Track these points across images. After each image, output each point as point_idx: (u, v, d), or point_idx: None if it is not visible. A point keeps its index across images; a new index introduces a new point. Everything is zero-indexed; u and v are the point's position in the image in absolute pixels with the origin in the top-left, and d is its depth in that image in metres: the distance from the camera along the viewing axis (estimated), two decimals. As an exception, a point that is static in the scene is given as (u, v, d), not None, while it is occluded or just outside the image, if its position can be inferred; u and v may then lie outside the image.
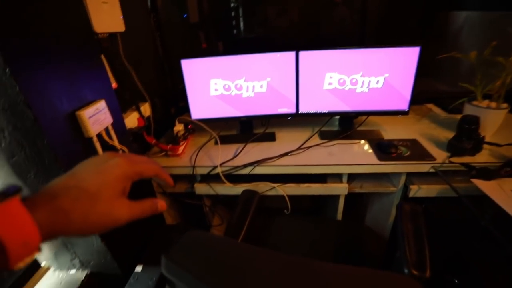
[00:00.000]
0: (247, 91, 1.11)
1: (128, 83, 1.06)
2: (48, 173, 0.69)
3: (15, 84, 0.59)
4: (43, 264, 0.89)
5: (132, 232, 0.95)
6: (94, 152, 0.77)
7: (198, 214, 1.23)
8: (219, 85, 1.10)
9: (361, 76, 1.07)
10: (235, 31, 1.48)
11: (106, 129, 0.80)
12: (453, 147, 1.00)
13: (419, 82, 1.37)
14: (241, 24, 1.47)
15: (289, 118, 1.17)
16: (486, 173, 0.89)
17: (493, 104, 1.04)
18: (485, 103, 1.06)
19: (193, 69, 1.07)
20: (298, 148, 1.07)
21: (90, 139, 0.74)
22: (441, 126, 1.20)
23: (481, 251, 0.81)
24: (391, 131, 1.18)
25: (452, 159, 0.97)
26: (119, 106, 0.91)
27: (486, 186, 0.85)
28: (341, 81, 1.08)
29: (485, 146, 0.99)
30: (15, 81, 0.59)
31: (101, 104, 0.78)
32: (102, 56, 0.92)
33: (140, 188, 1.00)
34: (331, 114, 1.16)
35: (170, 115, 1.40)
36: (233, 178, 1.05)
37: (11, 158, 0.67)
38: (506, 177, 0.88)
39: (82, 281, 0.86)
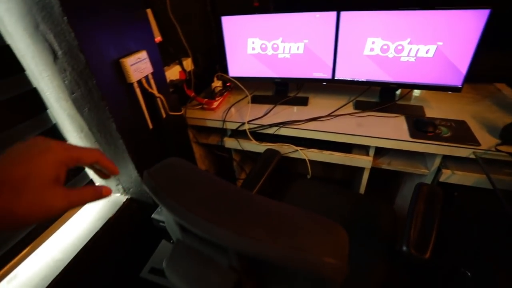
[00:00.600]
0: (284, 52, 1.10)
1: (173, 37, 1.14)
2: (97, 109, 0.83)
3: (71, 31, 0.70)
4: (97, 184, 1.11)
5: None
6: (134, 96, 0.89)
7: (228, 167, 1.34)
8: (256, 44, 1.11)
9: (408, 43, 0.96)
10: None
11: (147, 78, 0.91)
12: (507, 134, 0.87)
13: (493, 56, 1.17)
14: None
15: (324, 83, 1.14)
16: (536, 166, 0.77)
17: None
18: None
19: (233, 27, 1.10)
20: (328, 115, 1.06)
21: (131, 84, 0.86)
22: (505, 110, 1.04)
23: (502, 249, 0.75)
24: (437, 109, 1.06)
25: (501, 147, 0.86)
26: (161, 58, 1.00)
27: None
28: (385, 47, 0.99)
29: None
30: (71, 28, 0.70)
31: (143, 54, 0.87)
32: (149, 11, 1.00)
33: (177, 139, 1.13)
34: (369, 83, 1.09)
35: (212, 72, 1.47)
36: (260, 136, 1.10)
37: (71, 94, 0.82)
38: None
39: (124, 203, 1.05)
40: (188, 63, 1.21)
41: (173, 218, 0.48)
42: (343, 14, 0.97)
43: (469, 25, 0.88)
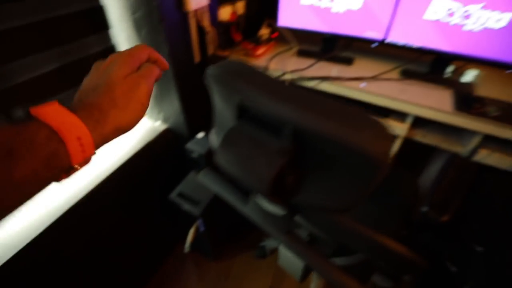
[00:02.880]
0: (339, 4, 1.07)
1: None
2: (155, 31, 0.88)
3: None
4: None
5: (203, 107, 1.17)
6: (188, 25, 0.93)
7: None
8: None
9: (481, 8, 0.89)
10: None
11: (202, 11, 0.94)
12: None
13: None
14: None
15: (374, 44, 1.10)
16: None
17: None
18: None
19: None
20: (371, 77, 1.04)
21: (187, 13, 0.89)
22: None
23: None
24: (491, 90, 1.01)
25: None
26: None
27: None
28: (450, 11, 0.93)
29: None
30: None
31: None
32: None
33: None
34: (422, 51, 1.04)
35: (262, 18, 1.45)
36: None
37: (134, 13, 0.88)
38: None
39: (162, 131, 1.14)
40: (240, 6, 1.21)
41: (232, 103, 0.53)
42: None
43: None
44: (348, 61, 1.14)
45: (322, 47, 1.22)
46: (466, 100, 0.93)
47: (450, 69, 1.08)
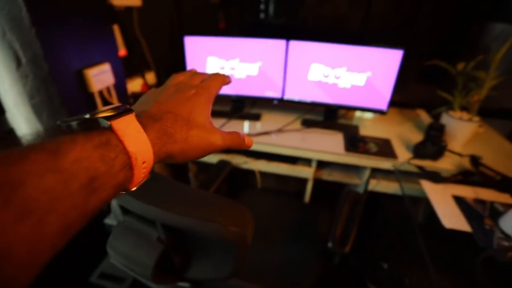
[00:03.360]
0: (240, 72, 1.23)
1: (138, 52, 1.22)
2: (57, 115, 0.87)
3: (38, 42, 0.76)
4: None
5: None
6: (94, 104, 0.94)
7: (184, 177, 1.41)
8: (215, 63, 1.22)
9: (345, 71, 1.14)
10: (262, 15, 1.46)
11: (108, 89, 0.97)
12: (416, 150, 1.06)
13: (422, 87, 1.41)
14: (271, 8, 1.43)
15: (275, 102, 1.28)
16: (435, 176, 0.96)
17: (466, 116, 1.08)
18: (459, 114, 1.10)
19: (194, 46, 1.21)
20: (277, 130, 1.19)
21: (92, 94, 0.91)
22: (420, 131, 1.25)
23: (409, 243, 0.91)
24: (370, 129, 1.25)
25: (412, 161, 1.04)
26: (124, 71, 1.07)
27: (430, 188, 0.93)
28: (326, 73, 1.16)
29: (448, 154, 1.05)
30: (39, 39, 0.76)
31: (106, 67, 0.94)
32: (116, 26, 1.08)
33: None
34: (314, 104, 1.25)
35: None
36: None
37: (31, 99, 0.86)
38: (454, 183, 0.95)
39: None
40: (151, 77, 1.29)
41: (117, 202, 0.58)
42: (291, 42, 1.13)
43: (388, 60, 1.09)
44: (256, 117, 1.29)
45: (232, 107, 1.36)
46: (353, 141, 1.12)
47: (340, 115, 1.31)
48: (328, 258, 0.97)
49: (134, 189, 0.24)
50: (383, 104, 1.17)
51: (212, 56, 1.21)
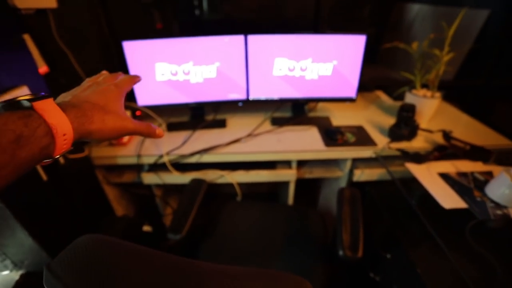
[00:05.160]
0: (196, 76, 1.07)
1: (65, 66, 0.97)
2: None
3: None
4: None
5: (73, 225, 0.90)
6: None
7: (150, 204, 1.20)
8: (166, 69, 1.05)
9: (310, 62, 1.08)
10: (197, 11, 1.35)
11: (32, 118, 0.74)
12: (392, 133, 1.06)
13: (372, 69, 1.42)
14: (204, 3, 1.34)
15: (240, 104, 1.16)
16: (418, 157, 0.96)
17: (429, 93, 1.11)
18: (422, 92, 1.13)
19: (137, 52, 1.01)
20: (248, 135, 1.07)
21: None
22: (386, 113, 1.27)
23: (408, 228, 0.89)
24: (340, 118, 1.22)
25: (391, 145, 1.03)
26: (50, 92, 0.83)
27: (416, 170, 0.92)
28: (291, 67, 1.08)
29: (420, 132, 1.07)
30: None
31: (23, 91, 0.70)
32: (27, 36, 0.83)
33: (82, 185, 0.95)
34: (282, 101, 1.16)
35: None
36: (182, 166, 1.03)
37: None
38: (434, 160, 0.96)
39: (17, 281, 0.81)
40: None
41: None
42: (250, 37, 1.02)
43: (353, 46, 1.05)
44: (221, 124, 1.15)
45: (191, 116, 1.19)
46: (330, 134, 1.07)
47: (306, 109, 1.25)
48: (331, 259, 0.91)
49: (58, 156, 0.31)
50: (352, 92, 1.14)
51: (160, 62, 1.03)
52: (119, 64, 1.29)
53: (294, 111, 1.23)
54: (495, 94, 1.36)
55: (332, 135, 1.06)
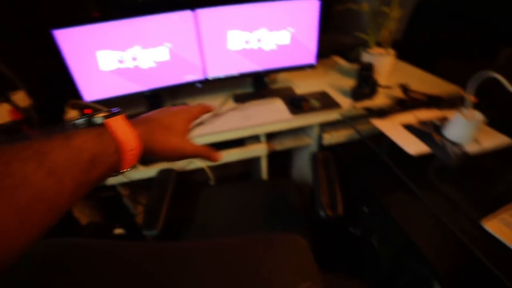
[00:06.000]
0: (146, 61, 0.99)
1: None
2: None
3: None
4: None
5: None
6: None
7: (118, 205, 1.12)
8: (110, 57, 0.95)
9: (266, 32, 1.04)
10: None
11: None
12: (355, 94, 1.07)
13: (326, 36, 1.42)
14: None
15: (199, 85, 1.10)
16: (382, 113, 0.98)
17: (383, 51, 1.14)
18: (377, 50, 1.15)
19: (73, 42, 0.90)
20: (213, 116, 1.02)
21: None
22: (345, 76, 1.28)
23: (381, 180, 0.92)
24: (303, 86, 1.21)
25: (356, 105, 1.05)
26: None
27: (381, 124, 0.95)
28: (246, 39, 1.04)
29: (380, 89, 1.09)
30: None
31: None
32: None
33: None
34: (242, 76, 1.12)
35: (63, 99, 1.18)
36: (147, 159, 0.96)
37: None
38: (397, 113, 0.99)
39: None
40: (21, 97, 0.92)
41: None
42: (199, 12, 0.95)
43: (307, 12, 1.03)
44: (184, 109, 1.08)
45: (148, 105, 1.11)
46: (295, 102, 1.06)
47: (268, 81, 1.22)
48: (313, 222, 0.92)
49: (124, 171, 0.32)
50: (311, 58, 1.13)
51: (103, 50, 0.93)
52: (56, 59, 1.16)
53: (256, 85, 1.20)
54: (441, 48, 1.44)
55: (297, 103, 1.05)
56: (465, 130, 0.84)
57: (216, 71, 1.08)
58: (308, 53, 1.12)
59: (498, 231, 0.61)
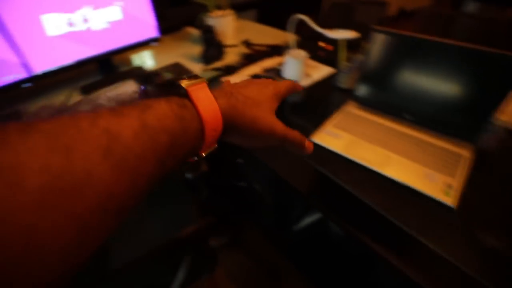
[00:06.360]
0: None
1: None
2: None
3: None
4: None
5: None
6: None
7: None
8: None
9: (92, 10, 0.94)
10: None
11: None
12: (204, 58, 1.11)
13: (177, 9, 1.40)
14: None
15: (26, 85, 0.94)
16: (230, 69, 1.05)
17: (223, 13, 1.19)
18: (217, 13, 1.20)
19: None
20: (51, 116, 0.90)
21: None
22: (197, 44, 1.30)
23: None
24: (157, 62, 1.18)
25: (206, 68, 1.08)
26: None
27: (231, 80, 1.01)
28: (68, 21, 0.92)
29: (228, 50, 1.16)
30: None
31: None
32: None
33: None
34: (81, 64, 1.01)
35: None
36: None
37: None
38: (245, 67, 1.08)
39: None
40: None
41: None
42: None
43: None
44: (17, 118, 0.92)
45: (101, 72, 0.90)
46: (147, 79, 1.03)
47: (121, 65, 1.14)
48: (195, 190, 0.96)
49: (203, 155, 0.25)
50: (153, 31, 1.09)
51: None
52: None
53: (103, 72, 1.10)
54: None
55: (149, 79, 1.02)
56: (296, 68, 0.98)
57: (43, 65, 0.93)
58: (147, 27, 1.08)
59: (323, 140, 0.75)
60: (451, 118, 0.73)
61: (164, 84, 0.24)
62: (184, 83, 0.23)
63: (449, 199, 0.60)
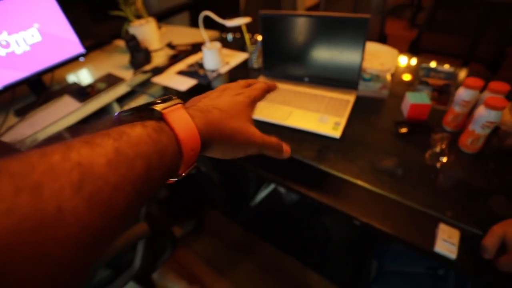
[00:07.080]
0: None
1: None
2: None
3: None
4: None
5: None
6: None
7: None
8: None
9: (7, 35, 0.99)
10: None
11: None
12: (133, 64, 1.20)
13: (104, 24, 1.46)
14: None
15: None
16: (158, 70, 1.16)
17: (143, 21, 1.29)
18: (138, 22, 1.29)
19: None
20: (-8, 138, 0.94)
21: None
22: (126, 53, 1.37)
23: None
24: (89, 74, 1.24)
25: (136, 73, 1.18)
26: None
27: (160, 79, 1.12)
28: (-13, 48, 0.96)
29: (154, 54, 1.26)
30: None
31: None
32: None
33: None
34: (9, 88, 1.04)
35: None
36: None
37: None
38: (171, 66, 1.19)
39: None
40: None
41: None
42: None
43: (42, 5, 1.03)
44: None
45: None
46: (80, 92, 1.09)
47: (52, 84, 1.19)
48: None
49: (183, 175, 0.25)
50: (77, 48, 1.16)
51: None
52: None
53: (35, 92, 1.14)
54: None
55: (82, 91, 1.09)
56: (213, 58, 1.11)
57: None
58: (70, 44, 1.14)
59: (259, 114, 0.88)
60: (338, 74, 0.91)
61: (139, 109, 0.23)
62: (159, 107, 0.23)
63: (337, 133, 0.76)
